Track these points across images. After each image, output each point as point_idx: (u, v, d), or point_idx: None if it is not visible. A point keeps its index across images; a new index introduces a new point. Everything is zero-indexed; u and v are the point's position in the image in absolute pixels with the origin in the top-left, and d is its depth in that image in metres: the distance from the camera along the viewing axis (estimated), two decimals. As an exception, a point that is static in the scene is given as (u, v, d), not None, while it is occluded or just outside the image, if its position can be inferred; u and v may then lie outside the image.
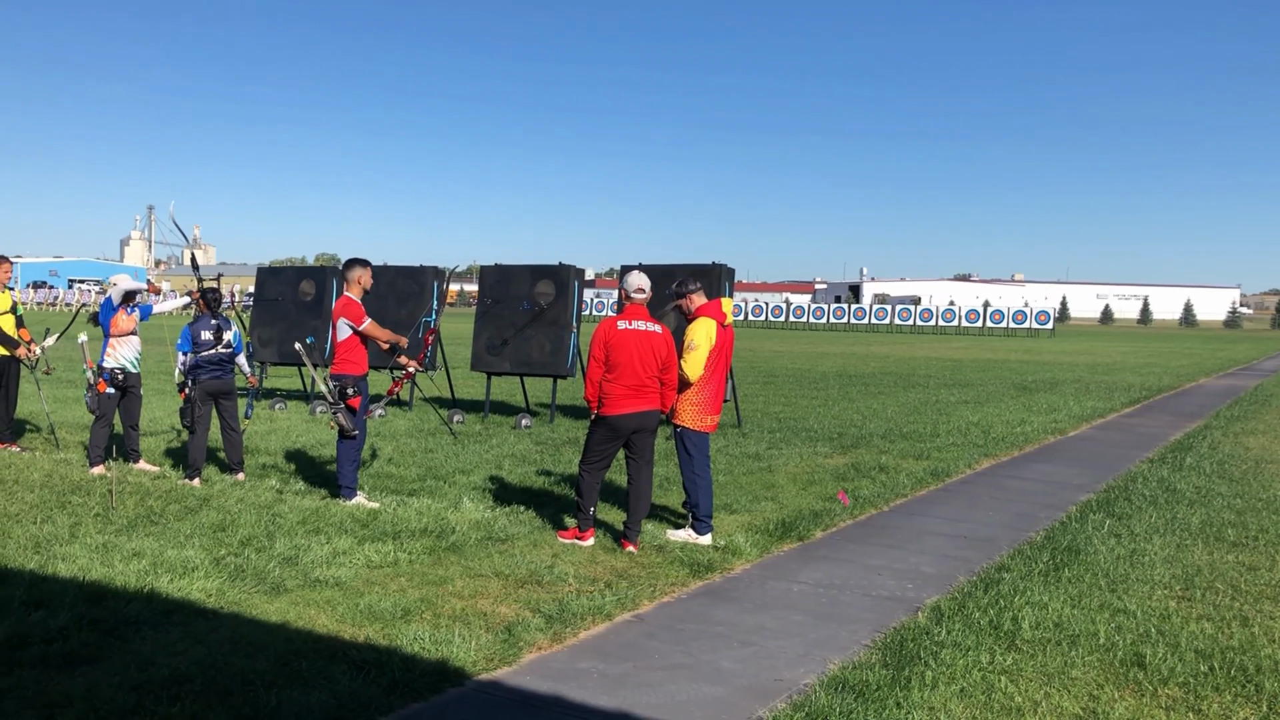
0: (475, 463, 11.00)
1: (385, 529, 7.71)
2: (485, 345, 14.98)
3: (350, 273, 8.70)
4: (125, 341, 9.85)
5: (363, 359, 8.74)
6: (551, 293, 14.50)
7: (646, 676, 5.13)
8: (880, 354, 38.10)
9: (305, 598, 6.05)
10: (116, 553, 6.82)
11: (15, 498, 8.49)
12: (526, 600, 6.17)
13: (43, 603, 5.68)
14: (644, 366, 7.42)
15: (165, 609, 5.72)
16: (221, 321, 9.64)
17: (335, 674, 4.84)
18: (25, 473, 9.53)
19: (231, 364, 9.68)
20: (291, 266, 18.47)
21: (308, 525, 7.77)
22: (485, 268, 15.49)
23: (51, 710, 4.31)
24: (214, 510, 8.19)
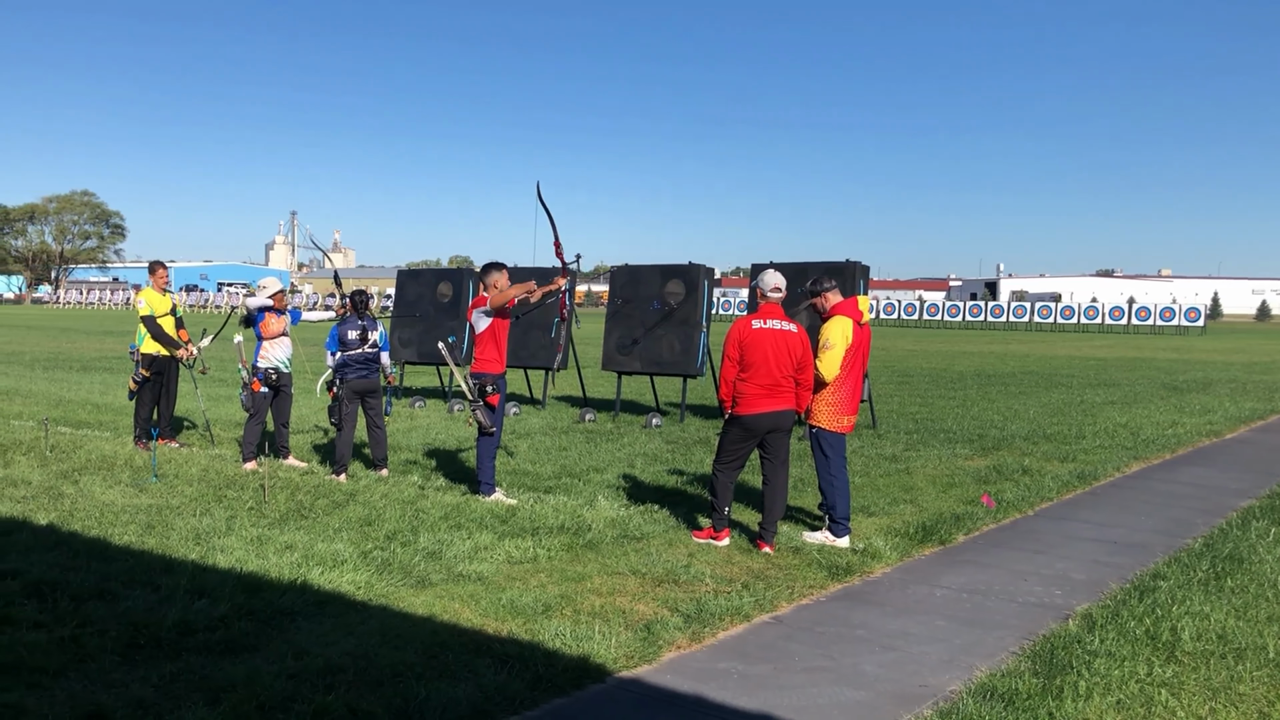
0: (608, 461, 11.09)
1: (524, 525, 7.84)
2: (616, 345, 15.10)
3: (488, 276, 8.87)
4: (277, 343, 10.28)
5: (501, 358, 8.91)
6: (681, 292, 14.52)
7: (787, 679, 5.09)
8: (1020, 353, 36.96)
9: (449, 591, 6.19)
10: (270, 545, 7.10)
11: (176, 491, 8.93)
12: (664, 599, 6.19)
13: (204, 592, 5.95)
14: (779, 366, 7.36)
15: (317, 600, 5.93)
16: (368, 322, 9.96)
17: (480, 667, 4.94)
18: (184, 468, 10.01)
19: (377, 363, 9.99)
20: (430, 269, 18.95)
21: (449, 520, 7.96)
22: (616, 268, 15.61)
23: (217, 694, 4.51)
24: (360, 505, 8.46)
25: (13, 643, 5.01)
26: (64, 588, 5.92)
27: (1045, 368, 28.60)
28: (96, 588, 5.97)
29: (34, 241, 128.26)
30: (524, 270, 15.44)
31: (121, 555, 6.76)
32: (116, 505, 8.26)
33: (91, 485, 9.10)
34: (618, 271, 15.42)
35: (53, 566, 6.39)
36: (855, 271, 13.19)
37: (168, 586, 6.01)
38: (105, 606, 5.64)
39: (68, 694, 4.50)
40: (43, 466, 9.91)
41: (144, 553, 6.84)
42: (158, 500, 8.53)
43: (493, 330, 8.86)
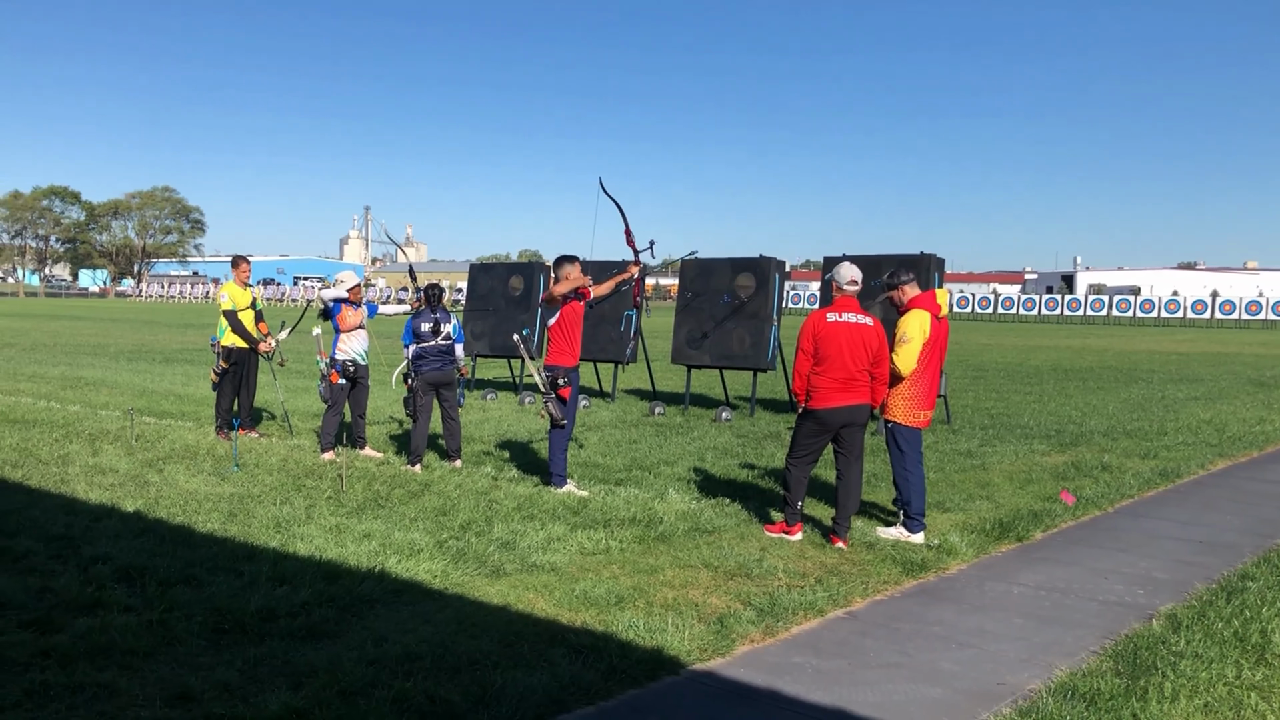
0: (678, 454, 11.09)
1: (595, 517, 7.87)
2: (685, 338, 15.09)
3: (560, 269, 8.92)
4: (354, 336, 10.45)
5: (573, 351, 8.95)
6: (752, 285, 14.45)
7: (862, 674, 5.05)
8: (1098, 347, 36.18)
9: (523, 582, 6.24)
10: (348, 534, 7.22)
11: (257, 480, 9.13)
12: (737, 592, 6.17)
13: (286, 579, 6.07)
14: (854, 360, 7.29)
15: (395, 588, 6.02)
16: (441, 315, 10.08)
17: (555, 657, 4.98)
18: (264, 457, 10.23)
19: (452, 356, 10.11)
20: (501, 263, 19.12)
21: (522, 511, 8.02)
22: (685, 261, 15.58)
23: (299, 679, 4.60)
24: (435, 495, 8.57)
25: (105, 625, 5.16)
26: (151, 573, 6.08)
27: (1124, 363, 27.96)
28: (182, 573, 6.13)
29: (118, 236, 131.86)
30: (597, 264, 15.48)
31: (205, 542, 6.93)
32: (200, 493, 8.47)
33: (175, 474, 9.34)
34: (687, 264, 15.40)
35: (140, 552, 6.57)
36: (930, 264, 13.01)
37: (250, 573, 6.15)
38: (191, 592, 5.78)
39: (157, 676, 4.63)
40: (129, 455, 10.20)
41: (227, 540, 7.00)
42: (239, 489, 8.72)
43: (561, 323, 8.91)
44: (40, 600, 5.58)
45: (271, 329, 12.11)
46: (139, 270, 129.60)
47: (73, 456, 10.06)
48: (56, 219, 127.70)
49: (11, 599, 5.57)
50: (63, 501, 8.05)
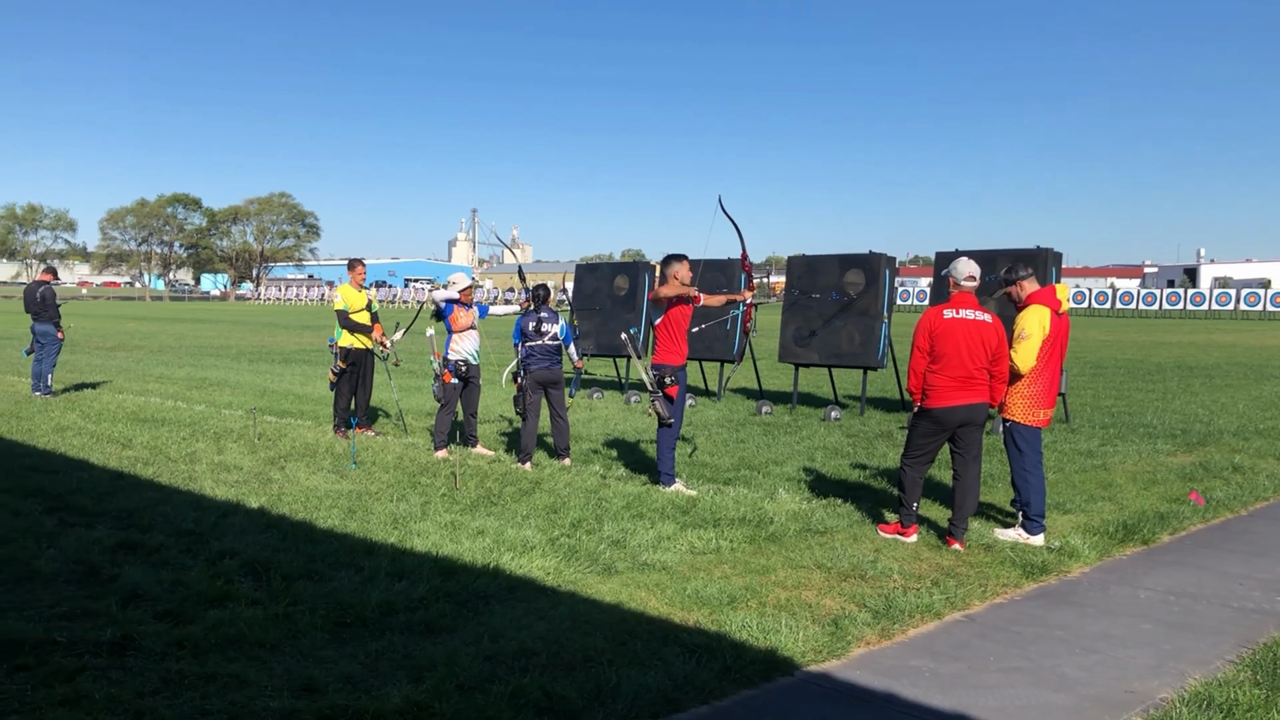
0: (787, 454, 11.00)
1: (705, 516, 7.85)
2: (793, 336, 14.95)
3: (669, 268, 8.92)
4: (466, 336, 10.63)
5: (680, 350, 8.94)
6: (861, 282, 14.25)
7: (982, 678, 4.93)
8: (1225, 343, 34.71)
9: (635, 580, 6.26)
10: (463, 530, 7.34)
11: (374, 478, 9.34)
12: (851, 594, 6.09)
13: (404, 574, 6.20)
14: (972, 357, 7.12)
15: (509, 585, 6.10)
16: (546, 315, 10.18)
17: (668, 656, 4.98)
18: (380, 455, 10.47)
19: (559, 355, 10.20)
20: (607, 263, 19.22)
21: (631, 510, 8.05)
22: (792, 258, 15.45)
23: (420, 673, 4.69)
24: (546, 493, 8.65)
25: (233, 617, 5.34)
26: (276, 567, 6.27)
27: (1255, 359, 26.76)
28: (305, 568, 6.30)
29: (237, 241, 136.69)
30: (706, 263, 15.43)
31: (326, 538, 7.12)
32: (320, 490, 8.71)
33: (296, 471, 9.62)
34: (794, 261, 15.26)
35: (265, 547, 6.78)
36: (1047, 259, 12.64)
37: (370, 568, 6.29)
38: (314, 586, 5.94)
39: (284, 668, 4.77)
40: (252, 453, 10.54)
41: (346, 536, 7.18)
42: (357, 486, 8.94)
43: (668, 322, 8.91)
44: (173, 592, 5.80)
45: (386, 331, 12.38)
46: (257, 274, 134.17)
47: (200, 454, 10.44)
48: (180, 225, 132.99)
49: (147, 591, 5.80)
50: (191, 498, 8.36)
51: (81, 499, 8.14)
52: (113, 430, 11.92)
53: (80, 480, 8.90)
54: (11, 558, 6.42)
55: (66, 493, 8.35)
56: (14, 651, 4.86)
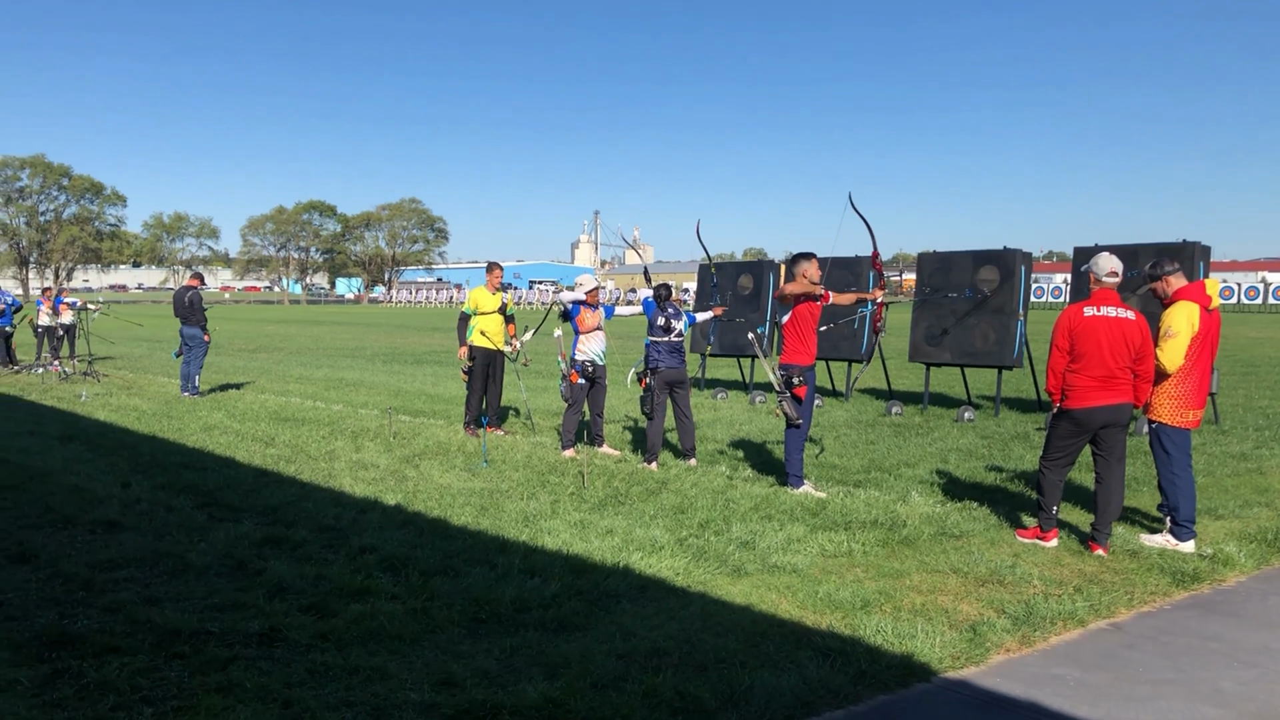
0: (918, 456, 10.77)
1: (835, 519, 7.74)
2: (924, 335, 14.64)
3: (797, 266, 8.82)
4: (593, 337, 10.72)
5: (808, 349, 8.84)
6: (996, 279, 13.85)
7: (1130, 690, 4.73)
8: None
9: (765, 582, 6.21)
10: (592, 529, 7.40)
11: (504, 476, 9.50)
12: (989, 600, 5.92)
13: (536, 571, 6.28)
14: (1115, 356, 6.85)
15: (639, 584, 6.12)
16: (672, 312, 10.20)
17: (802, 659, 4.92)
18: (510, 454, 10.64)
19: (683, 354, 10.20)
20: (731, 262, 19.15)
21: (760, 511, 7.99)
22: (923, 254, 15.13)
23: (554, 669, 4.75)
24: (672, 493, 8.66)
25: (374, 612, 5.49)
26: (413, 563, 6.43)
27: None
28: (441, 564, 6.44)
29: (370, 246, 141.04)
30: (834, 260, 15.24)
31: (460, 534, 7.27)
32: (453, 488, 8.89)
33: (430, 469, 9.85)
34: (925, 258, 14.94)
35: (402, 543, 6.95)
36: (1195, 252, 12.06)
37: (503, 565, 6.40)
38: (450, 582, 6.07)
39: (423, 661, 4.88)
40: (388, 451, 10.84)
41: (480, 533, 7.31)
42: (489, 484, 9.10)
43: (795, 321, 8.82)
44: (316, 586, 6.00)
45: (518, 332, 12.57)
46: (389, 277, 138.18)
47: (338, 452, 10.78)
48: (316, 231, 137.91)
49: (292, 584, 6.01)
50: (331, 495, 8.64)
51: (229, 495, 8.49)
52: (256, 429, 12.40)
53: (227, 477, 9.28)
54: (167, 551, 6.74)
55: (215, 489, 8.72)
56: (171, 640, 5.09)
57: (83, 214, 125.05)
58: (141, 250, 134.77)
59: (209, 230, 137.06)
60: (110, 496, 8.34)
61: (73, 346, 22.36)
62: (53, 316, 22.03)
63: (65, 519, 7.63)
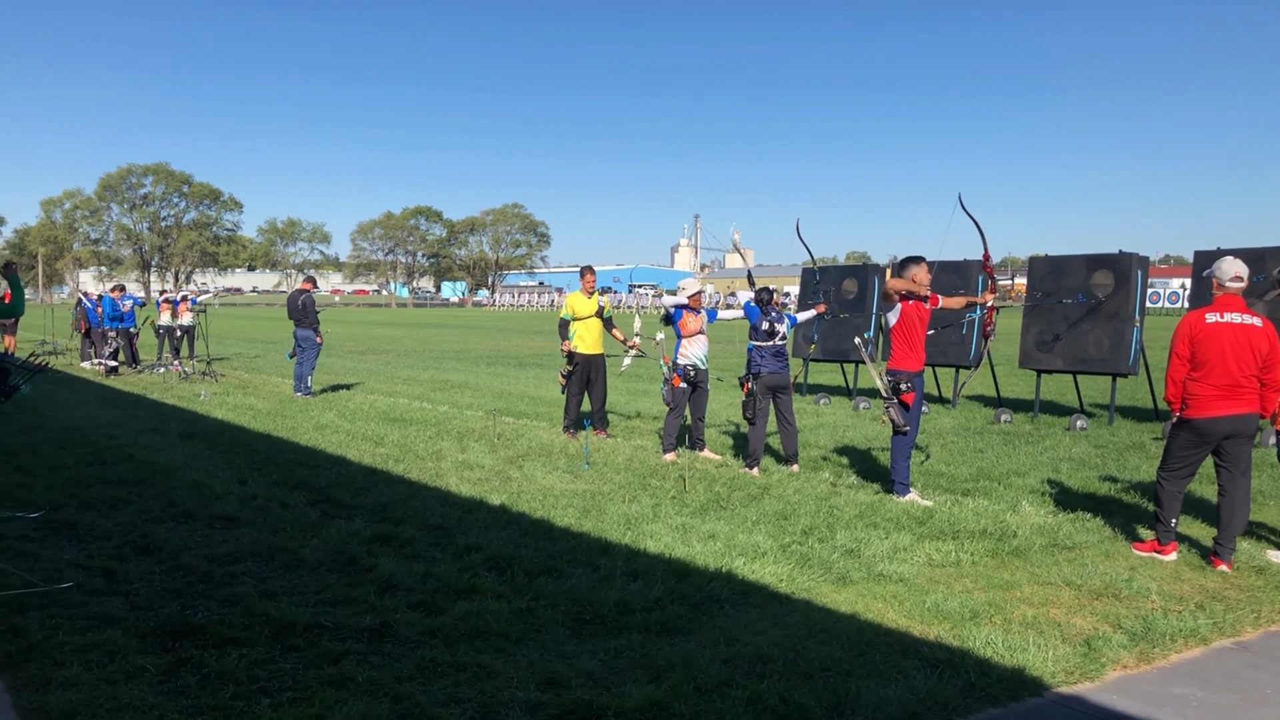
0: (1029, 465, 10.50)
1: (942, 528, 7.60)
2: (1034, 341, 14.27)
3: (906, 270, 8.69)
4: (695, 341, 10.72)
5: (916, 355, 8.70)
6: (1110, 283, 13.43)
7: (1258, 713, 4.54)
8: None
9: (870, 590, 6.12)
10: (693, 533, 7.39)
11: (605, 479, 9.55)
12: (1104, 614, 5.74)
13: (638, 574, 6.29)
14: (1239, 364, 6.58)
15: (742, 589, 6.09)
16: (774, 316, 10.13)
17: (909, 669, 4.84)
18: (611, 457, 10.70)
19: (787, 358, 10.13)
20: (835, 265, 18.97)
21: (864, 519, 7.89)
22: (1034, 258, 14.76)
23: (658, 672, 4.75)
24: (774, 499, 8.60)
25: (480, 610, 5.57)
26: (518, 563, 6.51)
27: None
28: (544, 565, 6.51)
29: (474, 251, 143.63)
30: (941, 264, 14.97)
31: (563, 536, 7.33)
32: (556, 490, 8.98)
33: (533, 470, 9.96)
34: (1036, 262, 14.57)
35: (507, 543, 7.04)
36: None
37: (606, 567, 6.43)
38: (554, 582, 6.12)
39: (528, 660, 4.94)
40: (492, 452, 11.00)
41: (582, 534, 7.37)
42: (591, 486, 9.17)
43: (903, 325, 8.68)
44: (424, 584, 6.11)
45: (627, 335, 12.62)
46: (492, 281, 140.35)
47: (444, 453, 10.98)
48: (422, 236, 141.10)
49: (401, 581, 6.14)
50: (438, 494, 8.80)
51: (340, 493, 8.72)
52: (366, 429, 12.71)
53: (339, 475, 9.53)
54: (282, 546, 6.94)
55: (327, 486, 8.96)
56: (287, 633, 5.25)
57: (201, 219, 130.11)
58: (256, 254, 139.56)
59: (320, 235, 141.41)
60: (228, 492, 8.63)
61: (192, 347, 23.21)
62: (173, 318, 22.91)
63: (186, 513, 7.93)
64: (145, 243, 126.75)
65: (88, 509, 8.03)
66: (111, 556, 6.68)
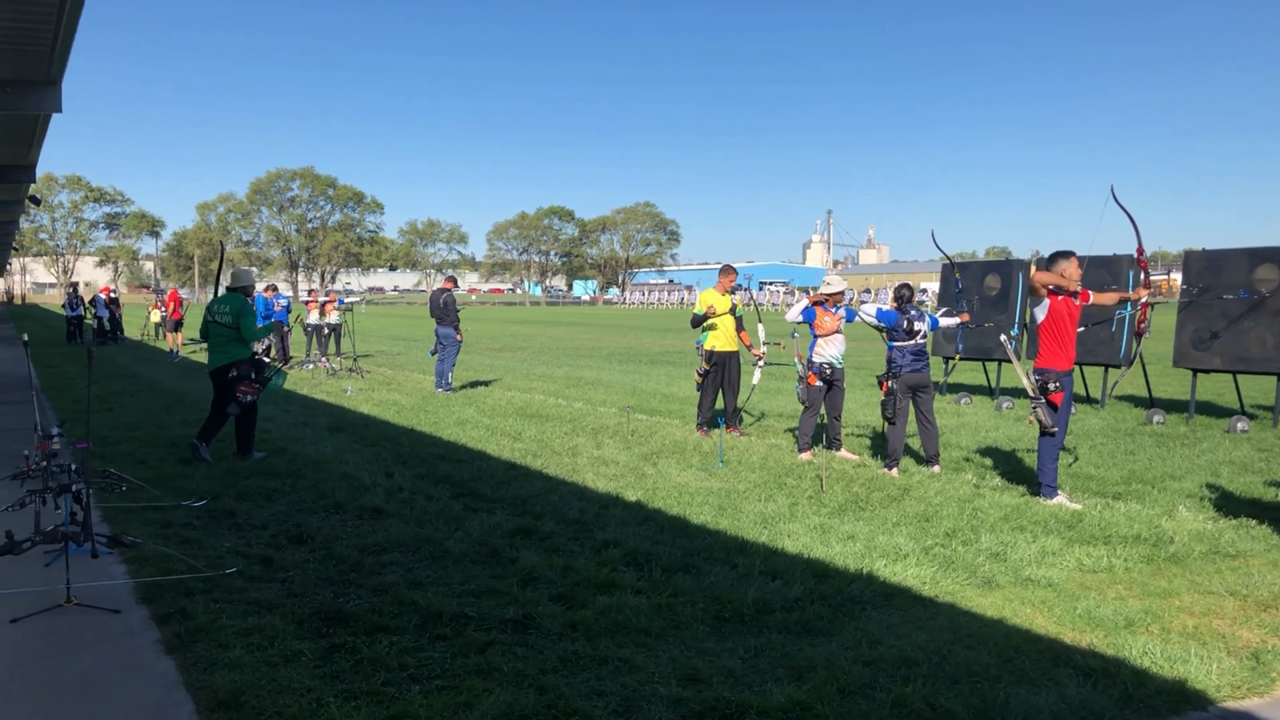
0: (1185, 468, 10.03)
1: (1093, 532, 7.32)
2: (1191, 339, 13.61)
3: (1055, 265, 8.40)
4: (831, 340, 10.58)
5: (1065, 353, 8.40)
6: (1275, 278, 12.71)
7: None
8: None
9: (1018, 595, 5.94)
10: (832, 534, 7.30)
11: (740, 477, 9.51)
12: (1273, 626, 5.43)
13: (776, 574, 6.25)
14: None
15: (883, 592, 5.98)
16: (914, 314, 9.93)
17: (1060, 677, 4.67)
18: (746, 455, 10.65)
19: (926, 357, 9.92)
20: (977, 261, 18.48)
21: (1010, 522, 7.66)
22: (1190, 252, 14.09)
23: (800, 673, 4.71)
24: (915, 500, 8.43)
25: (620, 605, 5.62)
26: (656, 559, 6.53)
27: None
28: (682, 561, 6.52)
29: (605, 249, 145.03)
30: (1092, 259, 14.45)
31: (699, 533, 7.33)
32: (691, 487, 8.99)
33: (668, 467, 9.99)
34: (1193, 256, 13.90)
35: (644, 539, 7.08)
36: None
37: (744, 566, 6.40)
38: (691, 579, 6.13)
39: (669, 656, 4.95)
40: (627, 449, 11.08)
41: (719, 532, 7.35)
42: (725, 484, 9.14)
43: (1052, 322, 8.40)
44: (564, 577, 6.20)
45: (753, 340, 12.56)
46: (623, 279, 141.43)
47: (580, 448, 11.11)
48: (555, 236, 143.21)
49: (542, 574, 6.24)
50: (575, 489, 8.90)
51: (482, 486, 8.91)
52: (504, 424, 12.96)
53: (480, 469, 9.74)
54: (427, 537, 7.14)
55: (469, 480, 9.17)
56: (434, 622, 5.39)
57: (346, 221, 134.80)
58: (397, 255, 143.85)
59: (458, 236, 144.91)
60: (375, 484, 8.91)
61: (338, 344, 24.06)
62: (321, 316, 23.78)
63: (336, 504, 8.22)
64: (293, 244, 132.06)
65: (245, 499, 8.41)
66: (268, 545, 6.97)
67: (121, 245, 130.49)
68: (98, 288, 39.04)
